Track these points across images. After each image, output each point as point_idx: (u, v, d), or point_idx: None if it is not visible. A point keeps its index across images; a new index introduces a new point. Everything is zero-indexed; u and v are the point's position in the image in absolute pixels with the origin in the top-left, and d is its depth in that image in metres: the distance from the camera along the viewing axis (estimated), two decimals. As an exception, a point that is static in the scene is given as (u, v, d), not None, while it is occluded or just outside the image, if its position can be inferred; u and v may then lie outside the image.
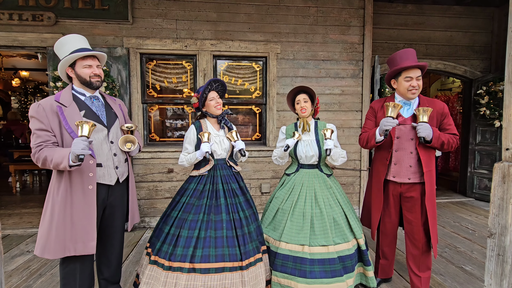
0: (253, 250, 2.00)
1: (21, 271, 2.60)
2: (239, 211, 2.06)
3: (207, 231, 1.93)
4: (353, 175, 4.05)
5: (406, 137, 2.05)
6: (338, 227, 2.11)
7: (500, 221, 1.62)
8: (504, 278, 1.62)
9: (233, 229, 1.98)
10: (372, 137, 2.10)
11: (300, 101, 2.24)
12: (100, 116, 1.80)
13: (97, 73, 1.76)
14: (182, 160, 2.16)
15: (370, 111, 2.29)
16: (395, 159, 2.09)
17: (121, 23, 3.51)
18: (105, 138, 1.79)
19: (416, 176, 2.04)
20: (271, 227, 2.21)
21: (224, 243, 1.91)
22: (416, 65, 2.01)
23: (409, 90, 2.02)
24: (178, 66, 3.77)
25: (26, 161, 5.47)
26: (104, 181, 1.77)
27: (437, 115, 2.03)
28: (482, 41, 4.80)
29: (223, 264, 1.86)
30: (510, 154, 1.61)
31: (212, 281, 1.80)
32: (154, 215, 3.68)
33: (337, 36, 3.87)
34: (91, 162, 1.69)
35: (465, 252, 2.98)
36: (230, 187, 2.11)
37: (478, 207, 4.50)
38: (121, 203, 1.91)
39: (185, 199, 2.06)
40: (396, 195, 2.14)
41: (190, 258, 1.85)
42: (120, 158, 1.86)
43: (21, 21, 3.36)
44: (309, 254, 2.00)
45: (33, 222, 3.82)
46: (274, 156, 2.35)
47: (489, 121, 4.69)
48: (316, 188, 2.17)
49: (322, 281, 1.95)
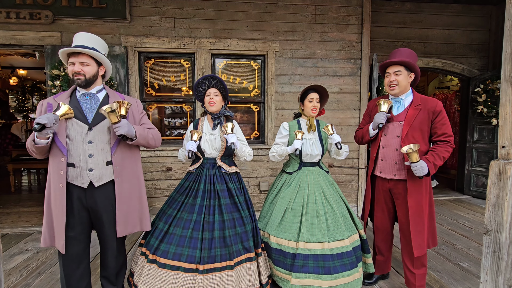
0: (223, 256, 1.91)
1: (20, 270, 2.60)
2: (215, 214, 1.99)
3: (175, 228, 1.97)
4: (351, 173, 4.06)
5: (392, 134, 2.10)
6: (347, 221, 2.19)
7: (496, 218, 1.64)
8: (500, 274, 1.64)
9: (200, 231, 1.94)
10: (366, 132, 2.21)
11: (313, 99, 2.25)
12: (87, 113, 1.73)
13: (77, 70, 1.70)
14: (180, 155, 2.26)
15: (366, 109, 2.39)
16: (381, 155, 2.15)
17: (119, 21, 3.50)
18: (83, 136, 1.70)
19: (401, 173, 2.07)
20: (281, 228, 2.15)
21: (186, 243, 1.91)
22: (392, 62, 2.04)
23: (388, 85, 2.09)
24: (176, 65, 3.77)
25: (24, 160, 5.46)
26: (77, 183, 1.69)
27: (429, 113, 2.01)
28: (480, 39, 4.82)
29: (178, 263, 1.87)
30: (506, 152, 1.62)
31: (166, 277, 1.86)
32: (153, 214, 3.69)
33: (335, 35, 3.87)
34: (62, 160, 1.67)
35: (462, 249, 3.01)
36: (213, 188, 2.06)
37: (475, 205, 4.53)
38: (104, 208, 1.77)
39: (173, 194, 2.15)
40: (385, 190, 2.18)
41: (154, 249, 1.93)
42: (98, 160, 1.71)
43: (18, 20, 3.35)
44: (329, 250, 2.03)
45: (32, 220, 3.82)
46: (273, 153, 2.32)
47: (486, 119, 4.71)
48: (322, 185, 2.23)
49: (343, 274, 2.00)
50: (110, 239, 1.85)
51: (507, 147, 1.61)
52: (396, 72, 2.04)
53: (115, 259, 1.91)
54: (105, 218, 1.79)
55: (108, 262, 1.91)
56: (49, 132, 1.55)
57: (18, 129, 7.52)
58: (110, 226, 1.82)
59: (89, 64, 1.74)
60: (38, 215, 4.02)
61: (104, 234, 1.84)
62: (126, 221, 1.84)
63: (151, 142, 1.93)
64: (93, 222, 1.83)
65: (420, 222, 2.01)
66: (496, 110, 4.52)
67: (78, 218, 1.75)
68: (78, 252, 1.79)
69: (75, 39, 1.77)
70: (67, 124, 1.69)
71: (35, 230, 3.52)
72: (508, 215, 1.61)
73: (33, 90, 8.55)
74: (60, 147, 1.66)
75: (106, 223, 1.81)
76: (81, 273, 1.83)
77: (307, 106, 2.26)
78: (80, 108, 1.74)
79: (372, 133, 2.15)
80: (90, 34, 1.79)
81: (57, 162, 1.68)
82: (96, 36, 1.81)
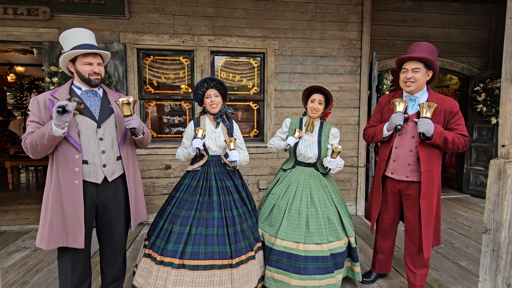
0: (245, 248, 2.00)
1: (18, 267, 2.59)
2: (232, 209, 2.05)
3: (198, 228, 1.95)
4: (351, 172, 4.06)
5: (408, 135, 2.01)
6: (332, 226, 2.15)
7: (495, 217, 1.64)
8: (499, 273, 1.64)
9: (224, 227, 1.98)
10: (379, 132, 2.10)
11: (315, 100, 2.18)
12: (93, 111, 1.74)
13: (97, 71, 1.71)
14: (179, 154, 2.21)
15: (377, 106, 2.27)
16: (394, 156, 2.08)
17: (117, 18, 3.48)
18: (93, 133, 1.71)
19: (414, 175, 2.01)
20: (267, 222, 2.23)
21: (214, 241, 1.92)
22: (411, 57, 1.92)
23: (404, 82, 1.99)
24: (175, 62, 3.75)
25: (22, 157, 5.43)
26: (90, 179, 1.71)
27: (445, 113, 1.93)
28: (479, 38, 4.81)
29: (212, 262, 1.87)
30: (506, 151, 1.62)
31: (200, 278, 1.84)
32: (152, 211, 3.68)
33: (335, 33, 3.86)
34: (77, 157, 1.66)
35: (460, 247, 3.01)
36: (224, 184, 2.10)
37: (474, 204, 4.54)
38: (114, 203, 1.81)
39: (179, 194, 2.09)
40: (395, 191, 2.13)
41: (180, 254, 1.88)
42: (110, 156, 1.76)
43: (16, 16, 3.32)
44: (303, 251, 2.03)
45: (30, 218, 3.81)
46: (271, 144, 2.36)
47: (485, 118, 4.71)
48: (312, 187, 2.20)
49: (315, 277, 2.00)
50: (116, 235, 1.88)
51: (507, 146, 1.61)
52: (415, 69, 1.92)
53: (119, 255, 1.94)
54: (113, 212, 1.82)
55: (112, 260, 1.92)
56: (67, 120, 1.51)
57: (16, 126, 7.49)
58: (118, 220, 1.85)
59: (102, 64, 1.77)
60: (36, 212, 4.01)
61: (110, 229, 1.85)
62: (136, 214, 1.91)
63: (146, 142, 1.97)
64: (100, 218, 1.83)
65: (430, 224, 1.97)
66: (496, 109, 4.52)
67: (88, 215, 1.75)
68: (87, 249, 1.80)
69: (76, 36, 1.72)
70: (77, 121, 1.68)
71: (33, 227, 3.51)
72: (508, 214, 1.60)
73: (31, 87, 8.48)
74: (74, 143, 1.65)
75: (114, 218, 1.83)
76: (88, 270, 1.85)
77: (308, 106, 2.22)
78: (88, 107, 1.74)
79: (386, 134, 2.04)
80: (90, 31, 1.77)
81: (70, 159, 1.65)
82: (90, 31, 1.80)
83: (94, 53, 1.71)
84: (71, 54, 1.68)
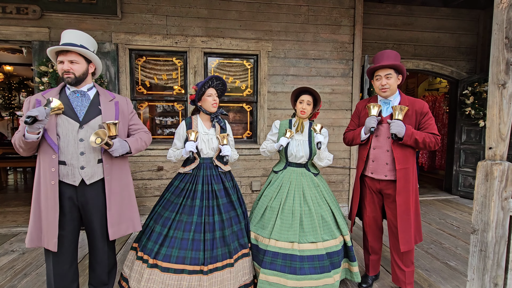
0: (223, 255, 1.97)
1: (5, 271, 2.53)
2: (214, 215, 2.03)
3: (175, 231, 1.96)
4: (343, 173, 4.09)
5: (384, 136, 2.12)
6: (326, 224, 2.15)
7: (483, 217, 1.67)
8: (486, 272, 1.68)
9: (202, 233, 1.96)
10: (357, 136, 2.21)
11: (303, 101, 2.23)
12: (78, 111, 1.72)
13: (66, 69, 1.69)
14: (170, 155, 2.18)
15: (355, 111, 2.40)
16: (372, 156, 2.17)
17: (109, 18, 3.44)
18: (74, 134, 1.68)
19: (392, 174, 2.10)
20: (260, 225, 2.21)
21: (189, 246, 1.91)
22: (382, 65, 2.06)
23: (380, 88, 2.12)
24: (168, 63, 3.73)
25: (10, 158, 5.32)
26: (68, 181, 1.68)
27: (416, 114, 2.07)
28: (468, 42, 4.92)
29: (183, 266, 1.87)
30: (493, 153, 1.66)
31: (170, 280, 1.85)
32: (143, 213, 3.64)
33: (327, 35, 3.89)
34: (53, 157, 1.65)
35: (449, 248, 3.07)
36: (211, 189, 2.08)
37: (463, 205, 4.63)
38: (95, 207, 1.76)
39: (167, 195, 2.11)
40: (375, 191, 2.21)
41: (155, 254, 1.92)
42: (89, 158, 1.71)
43: (4, 14, 3.26)
44: (298, 251, 2.02)
45: (18, 220, 3.72)
46: (263, 148, 2.36)
47: (474, 120, 4.81)
48: (304, 187, 2.21)
49: (311, 277, 1.98)
50: (101, 239, 1.82)
51: (494, 148, 1.65)
52: (387, 75, 2.08)
53: (106, 259, 1.89)
54: (95, 218, 1.78)
55: (95, 265, 1.89)
56: (40, 127, 1.53)
57: (4, 127, 7.33)
58: (100, 226, 1.80)
59: (78, 62, 1.73)
60: (24, 215, 3.92)
61: (94, 234, 1.81)
62: (118, 223, 1.83)
63: (141, 149, 1.95)
64: (84, 222, 1.81)
65: (407, 219, 2.06)
66: (483, 112, 4.62)
67: (69, 217, 1.73)
68: (69, 252, 1.76)
69: (63, 36, 1.75)
70: (58, 121, 1.67)
71: (21, 230, 3.43)
72: (494, 214, 1.64)
73: (19, 87, 8.32)
74: (51, 144, 1.64)
75: (96, 223, 1.79)
76: (73, 274, 1.81)
77: (297, 107, 2.27)
78: (71, 105, 1.72)
79: (364, 137, 2.17)
80: (78, 31, 1.77)
81: (48, 159, 1.65)
82: (85, 33, 1.79)
83: (64, 50, 1.70)
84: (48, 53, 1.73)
